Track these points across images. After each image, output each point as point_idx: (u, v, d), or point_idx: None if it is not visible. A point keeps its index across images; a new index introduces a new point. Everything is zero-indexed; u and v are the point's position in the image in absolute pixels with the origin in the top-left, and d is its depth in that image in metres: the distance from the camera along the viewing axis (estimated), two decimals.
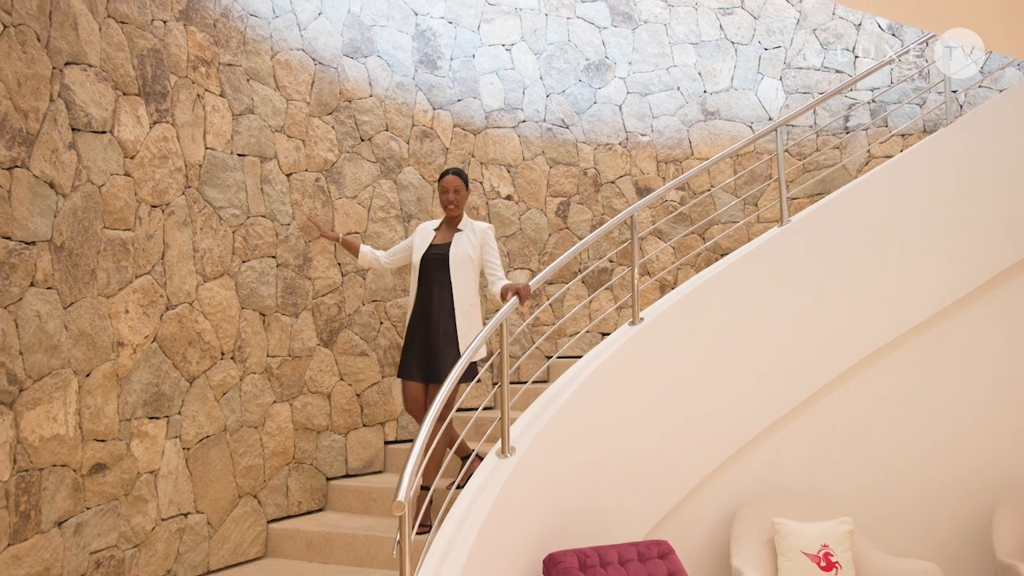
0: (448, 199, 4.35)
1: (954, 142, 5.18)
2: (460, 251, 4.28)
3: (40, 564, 2.97)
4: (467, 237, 4.33)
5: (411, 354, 4.28)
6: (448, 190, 4.35)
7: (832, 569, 4.37)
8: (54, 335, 3.06)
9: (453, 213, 4.36)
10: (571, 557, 3.62)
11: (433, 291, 4.27)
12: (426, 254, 4.32)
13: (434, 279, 4.27)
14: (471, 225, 4.40)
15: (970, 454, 5.02)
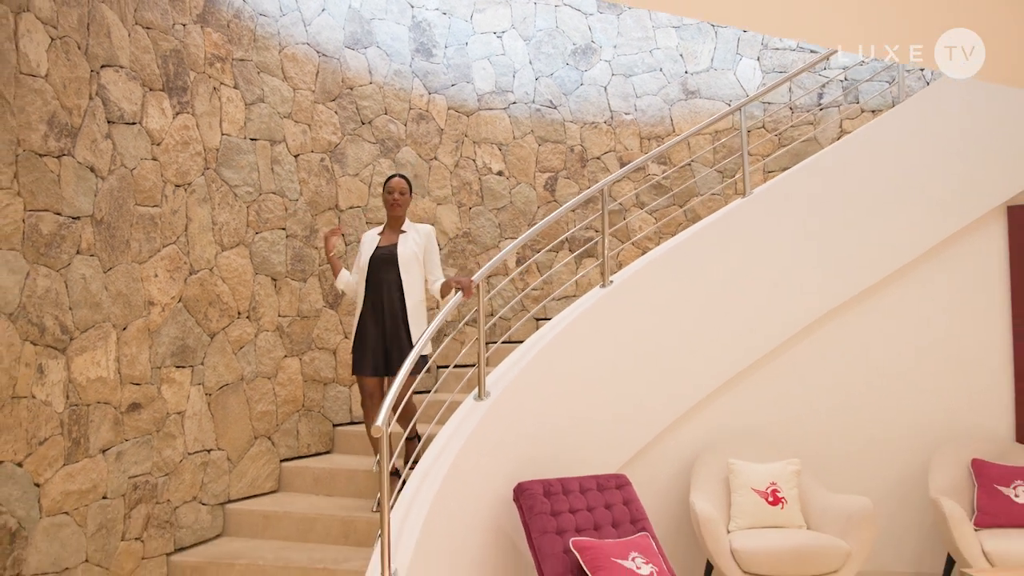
0: (393, 199, 4.58)
1: (904, 119, 5.63)
2: (407, 251, 4.53)
3: (89, 482, 3.62)
4: (412, 238, 4.59)
5: (364, 351, 4.48)
6: (394, 190, 4.59)
7: (779, 504, 4.92)
8: (96, 294, 3.68)
9: (397, 212, 4.60)
10: (537, 486, 4.21)
11: (383, 290, 4.48)
12: (374, 255, 4.52)
13: (384, 278, 4.49)
14: (414, 227, 4.66)
15: (912, 405, 5.53)
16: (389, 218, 4.65)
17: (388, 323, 4.47)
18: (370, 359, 4.48)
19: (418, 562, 3.52)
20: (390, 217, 4.64)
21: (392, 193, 4.59)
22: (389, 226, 4.66)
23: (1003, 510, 4.86)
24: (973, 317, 5.54)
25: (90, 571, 3.62)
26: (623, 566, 3.73)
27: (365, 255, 4.57)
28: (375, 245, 4.58)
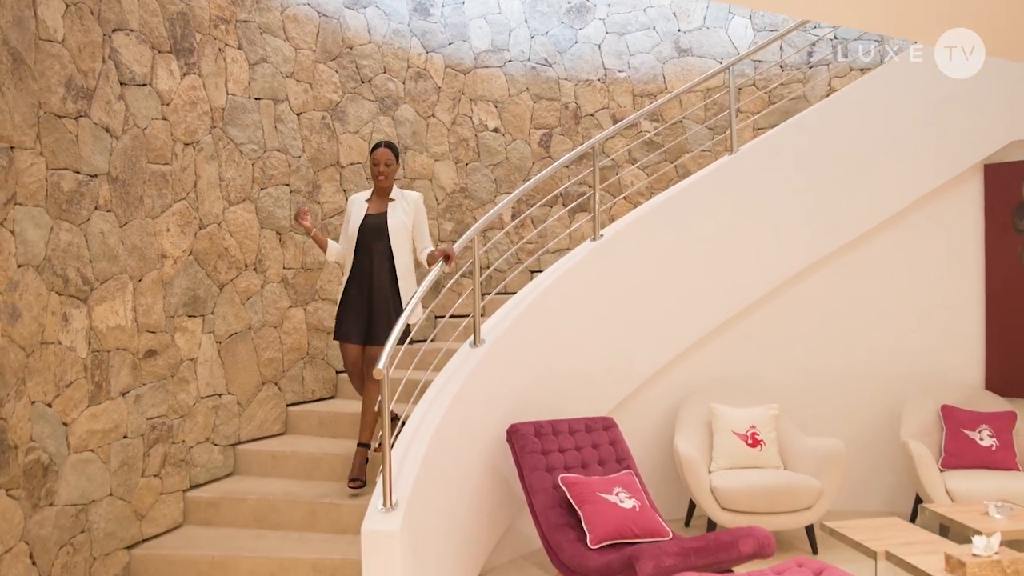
0: (379, 171, 4.54)
1: (888, 79, 5.80)
2: (396, 220, 4.53)
3: (111, 423, 3.89)
4: (401, 207, 4.58)
5: (349, 318, 4.53)
6: (379, 162, 4.54)
7: (758, 446, 5.22)
8: (114, 248, 3.91)
9: (383, 184, 4.56)
10: (528, 427, 4.50)
11: (373, 259, 4.50)
12: (363, 224, 4.53)
13: (373, 248, 4.51)
14: (403, 195, 4.64)
15: (887, 354, 5.81)
16: (376, 187, 4.64)
17: (376, 293, 4.49)
18: (354, 327, 4.51)
19: (417, 495, 3.82)
20: (376, 186, 4.63)
21: (378, 165, 4.55)
22: (377, 193, 4.64)
23: (968, 452, 5.16)
24: (949, 271, 5.80)
25: (114, 504, 3.92)
26: (607, 500, 4.02)
27: (354, 223, 4.57)
28: (364, 213, 4.57)
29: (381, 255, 4.52)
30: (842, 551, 4.84)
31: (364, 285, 4.52)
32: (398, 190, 4.67)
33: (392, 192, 4.64)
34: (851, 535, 3.95)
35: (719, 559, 3.55)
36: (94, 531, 3.78)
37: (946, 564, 3.34)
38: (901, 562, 3.51)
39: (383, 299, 4.49)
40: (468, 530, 4.40)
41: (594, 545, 3.87)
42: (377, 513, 3.63)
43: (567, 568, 3.90)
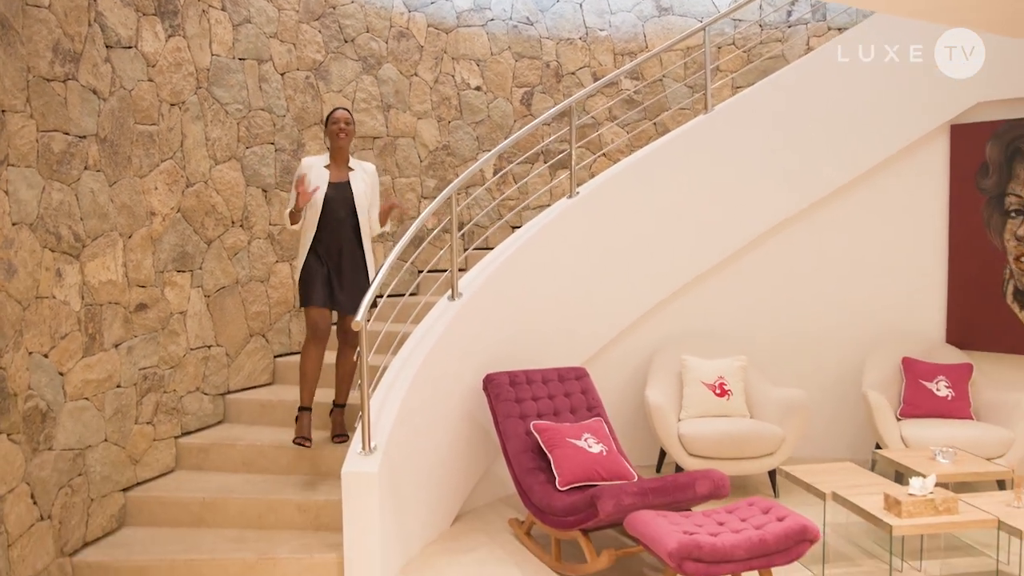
0: (339, 127, 4.61)
1: (860, 40, 5.92)
2: (360, 189, 4.63)
3: (104, 373, 4.10)
4: (361, 177, 4.69)
5: (316, 283, 4.56)
6: (339, 120, 4.63)
7: (725, 395, 5.46)
8: (104, 206, 4.08)
9: (343, 143, 4.62)
10: (503, 376, 4.73)
11: (338, 228, 4.57)
12: (329, 193, 4.57)
13: (339, 217, 4.57)
14: (360, 165, 4.76)
15: (852, 309, 6.03)
16: (333, 149, 4.65)
17: (345, 262, 4.58)
18: (319, 291, 4.55)
19: (395, 440, 4.06)
20: (334, 148, 4.65)
21: (338, 123, 4.61)
22: (334, 160, 4.67)
23: (925, 402, 5.42)
24: (914, 228, 5.99)
25: (109, 449, 4.15)
26: (576, 445, 4.27)
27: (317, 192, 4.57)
28: (326, 181, 4.60)
29: (346, 225, 4.59)
30: (801, 495, 5.11)
31: (332, 252, 4.57)
32: (354, 159, 4.75)
33: (349, 161, 4.71)
34: (803, 478, 4.21)
35: (676, 499, 3.80)
36: (91, 474, 4.01)
37: (884, 503, 3.60)
38: (846, 502, 3.76)
39: (352, 267, 4.59)
40: (446, 474, 4.66)
41: (562, 487, 4.12)
42: (356, 456, 3.88)
43: (537, 509, 4.15)
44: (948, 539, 4.46)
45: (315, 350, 4.58)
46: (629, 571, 4.09)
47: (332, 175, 4.63)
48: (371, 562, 3.81)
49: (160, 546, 4.04)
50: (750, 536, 3.31)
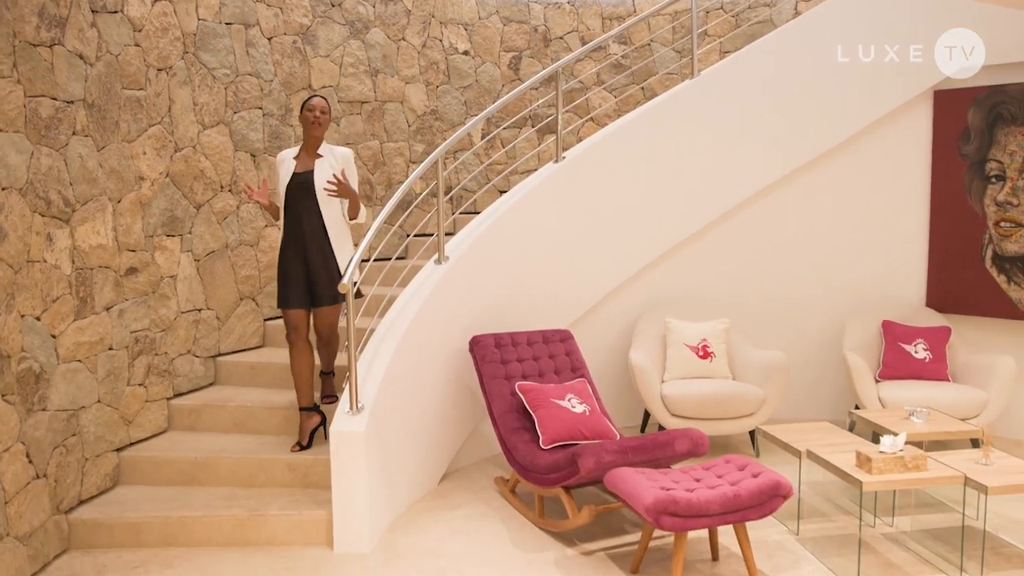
0: (314, 116, 4.43)
1: (845, 6, 5.95)
2: (323, 178, 4.40)
3: (96, 335, 4.17)
4: (329, 163, 4.45)
5: (288, 284, 4.45)
6: (314, 108, 4.45)
7: (708, 357, 5.57)
8: (92, 171, 4.13)
9: (316, 132, 4.44)
10: (489, 338, 4.82)
11: (303, 220, 4.40)
12: (290, 184, 4.42)
13: (302, 208, 4.40)
14: (332, 151, 4.52)
15: (834, 273, 6.12)
16: (307, 138, 4.49)
17: (312, 254, 4.42)
18: (295, 292, 4.45)
19: (382, 400, 4.16)
20: (308, 138, 4.48)
21: (313, 111, 4.44)
22: (306, 148, 4.51)
23: (903, 364, 5.54)
24: (896, 193, 6.07)
25: (102, 410, 4.24)
26: (559, 405, 4.37)
27: (282, 182, 4.48)
28: (291, 172, 4.46)
29: (311, 214, 4.41)
30: (779, 453, 5.24)
31: (299, 247, 4.43)
32: (327, 145, 4.54)
33: (321, 147, 4.51)
34: (781, 437, 4.32)
35: (655, 456, 3.92)
36: (85, 434, 4.10)
37: (856, 460, 3.72)
38: (820, 460, 3.88)
39: (320, 259, 4.42)
40: (433, 433, 4.77)
41: (546, 446, 4.23)
42: (344, 416, 3.98)
43: (521, 467, 4.27)
44: (919, 496, 4.61)
45: (298, 349, 4.47)
46: (609, 526, 4.22)
47: (298, 164, 4.47)
48: (359, 519, 3.93)
49: (153, 504, 4.15)
50: (725, 492, 3.42)
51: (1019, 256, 5.58)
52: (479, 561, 3.84)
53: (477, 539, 4.09)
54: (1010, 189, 5.59)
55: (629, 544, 4.01)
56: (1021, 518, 4.27)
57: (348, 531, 3.93)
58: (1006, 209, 5.62)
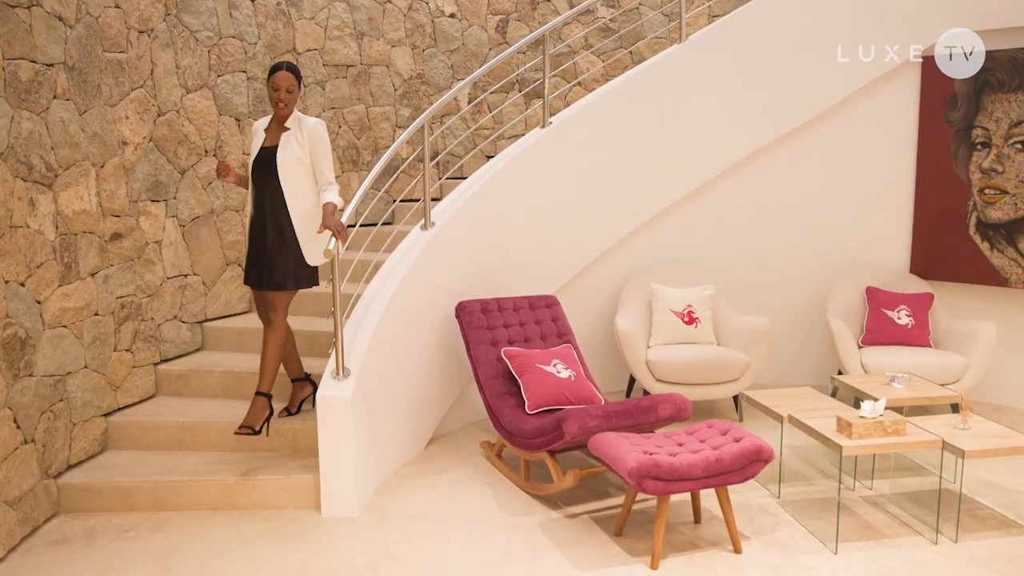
0: (279, 97, 4.07)
1: None
2: (288, 155, 4.10)
3: (82, 301, 4.16)
4: (295, 138, 4.12)
5: (252, 261, 4.25)
6: (279, 87, 4.07)
7: (693, 323, 5.61)
8: (74, 135, 4.09)
9: (283, 112, 4.12)
10: (475, 304, 4.84)
11: (267, 197, 4.14)
12: (256, 158, 4.16)
13: (266, 184, 4.14)
14: (300, 122, 4.15)
15: (820, 239, 6.15)
16: (274, 114, 4.20)
17: (271, 235, 4.15)
18: (254, 271, 4.23)
19: (368, 366, 4.18)
20: (275, 114, 4.20)
21: (278, 91, 4.07)
22: (275, 120, 4.21)
23: (885, 330, 5.59)
24: (883, 160, 6.08)
25: (89, 375, 4.24)
26: (545, 370, 4.41)
27: (250, 154, 4.25)
28: (259, 145, 4.19)
29: (274, 193, 4.13)
30: (763, 418, 5.32)
31: (259, 224, 4.19)
32: (297, 115, 4.18)
33: (289, 119, 4.17)
34: (763, 402, 4.37)
35: (639, 421, 3.96)
36: (72, 400, 4.11)
37: (837, 425, 3.77)
38: (801, 424, 3.94)
39: (277, 240, 4.14)
40: (419, 398, 4.80)
41: (531, 411, 4.27)
42: (331, 381, 4.00)
43: (507, 431, 4.31)
44: (899, 459, 4.68)
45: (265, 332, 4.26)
46: (593, 490, 4.28)
47: (268, 137, 4.19)
48: (346, 483, 3.97)
49: (142, 468, 4.18)
50: (707, 456, 3.47)
51: (1003, 223, 5.62)
52: (465, 524, 3.89)
53: (463, 503, 4.14)
54: (995, 156, 5.62)
55: (613, 507, 4.07)
56: (997, 481, 4.36)
57: (335, 495, 3.97)
58: (991, 176, 5.65)
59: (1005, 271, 5.64)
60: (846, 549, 3.62)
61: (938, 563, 3.48)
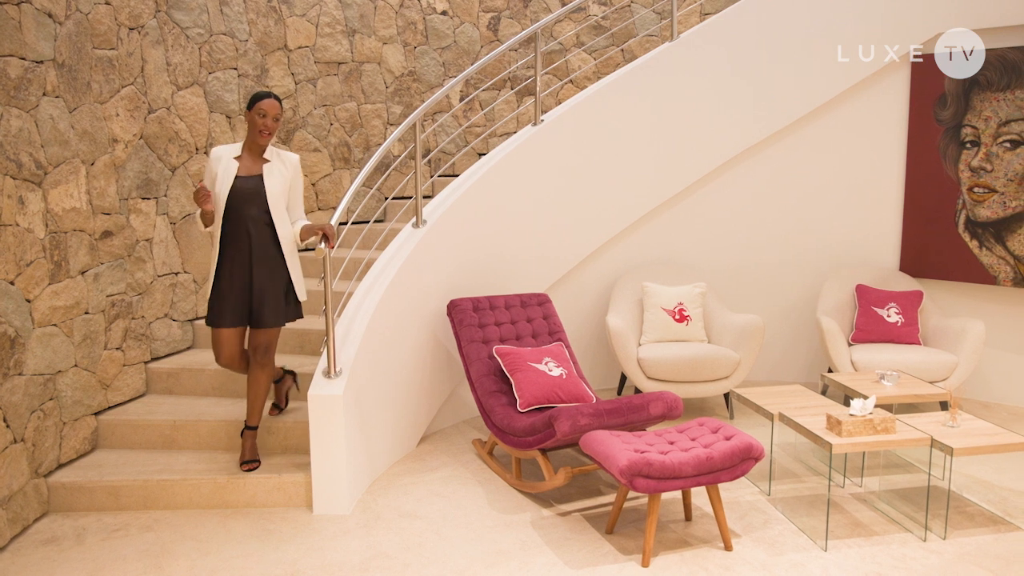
0: (265, 124, 3.91)
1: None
2: (275, 185, 3.95)
3: (72, 299, 4.15)
4: (278, 170, 3.99)
5: (225, 300, 3.95)
6: (267, 115, 3.91)
7: (684, 321, 5.62)
8: (64, 133, 4.07)
9: (266, 142, 3.96)
10: (467, 302, 4.84)
11: (249, 230, 3.90)
12: (235, 188, 3.90)
13: (248, 217, 3.89)
14: (279, 156, 4.04)
15: (810, 237, 6.18)
16: (251, 141, 3.97)
17: (258, 269, 3.93)
18: (231, 309, 3.95)
19: (360, 364, 4.18)
20: (252, 141, 3.97)
21: (266, 118, 3.91)
22: (249, 150, 3.99)
23: (875, 327, 5.62)
24: (873, 159, 6.10)
25: (79, 374, 4.23)
26: (537, 368, 4.41)
27: (223, 185, 3.91)
28: (234, 175, 3.93)
29: (258, 224, 3.91)
30: (753, 416, 5.34)
31: (243, 260, 3.93)
32: (273, 148, 4.06)
33: (267, 151, 4.02)
34: (754, 400, 4.39)
35: (630, 419, 3.97)
36: (62, 398, 4.10)
37: (827, 423, 3.79)
38: (791, 422, 3.95)
39: (266, 275, 3.95)
40: (411, 396, 4.80)
41: (523, 409, 4.28)
42: (322, 379, 4.00)
43: (498, 429, 4.31)
44: (889, 457, 4.71)
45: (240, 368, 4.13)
46: (585, 488, 4.29)
47: (242, 167, 3.95)
48: (338, 481, 3.97)
49: (133, 467, 4.17)
50: (698, 454, 3.48)
51: (991, 221, 5.65)
52: (457, 522, 3.90)
53: (455, 501, 4.15)
54: (984, 155, 5.65)
55: (604, 505, 4.08)
56: (985, 478, 4.39)
57: (327, 493, 3.97)
58: (980, 174, 5.68)
59: (994, 269, 5.67)
60: (836, 546, 3.64)
61: (927, 560, 3.51)
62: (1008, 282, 5.63)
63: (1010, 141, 5.54)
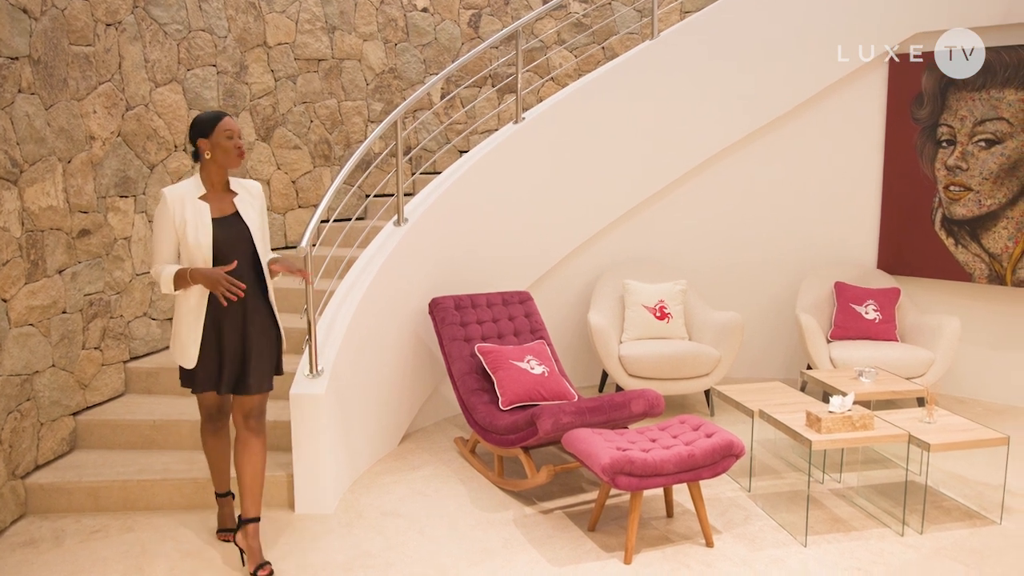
0: (237, 144, 3.28)
1: None
2: (254, 220, 3.37)
3: (49, 299, 4.10)
4: (247, 201, 3.37)
5: (213, 364, 3.31)
6: (234, 133, 3.28)
7: (665, 318, 5.65)
8: (40, 130, 4.02)
9: (238, 165, 3.33)
10: (448, 300, 4.83)
11: (241, 278, 3.26)
12: (217, 236, 3.24)
13: (239, 268, 3.27)
14: (242, 185, 3.43)
15: (789, 235, 6.22)
16: (214, 170, 3.30)
17: (252, 328, 3.33)
18: (223, 374, 3.32)
19: (342, 363, 4.16)
20: (217, 169, 3.30)
21: (233, 138, 3.28)
22: (212, 184, 3.31)
23: (854, 325, 5.67)
24: (851, 158, 6.15)
25: (57, 374, 4.18)
26: (519, 366, 4.42)
27: (200, 235, 3.21)
28: (209, 220, 3.24)
29: (246, 272, 3.31)
30: (733, 413, 5.38)
31: (235, 323, 3.30)
32: (234, 179, 3.44)
33: (230, 183, 3.39)
34: (734, 397, 4.42)
35: (612, 417, 3.99)
36: (40, 399, 4.05)
37: (806, 420, 3.83)
38: (771, 419, 3.99)
39: (259, 333, 3.36)
40: (393, 395, 4.79)
41: (505, 407, 4.28)
42: (304, 379, 3.98)
43: (480, 427, 4.32)
44: (867, 452, 4.76)
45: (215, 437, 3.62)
46: (567, 485, 4.31)
47: (214, 208, 3.29)
48: (320, 480, 3.96)
49: (112, 468, 4.13)
50: (679, 451, 3.50)
51: (967, 219, 5.72)
52: (440, 521, 3.90)
53: (437, 499, 4.15)
54: (960, 154, 5.71)
55: (586, 503, 4.10)
56: (962, 473, 4.45)
57: (309, 492, 3.96)
58: (955, 173, 5.75)
59: (969, 267, 5.74)
60: (815, 541, 3.67)
61: (904, 554, 3.55)
62: (983, 279, 5.70)
63: (985, 140, 5.60)
